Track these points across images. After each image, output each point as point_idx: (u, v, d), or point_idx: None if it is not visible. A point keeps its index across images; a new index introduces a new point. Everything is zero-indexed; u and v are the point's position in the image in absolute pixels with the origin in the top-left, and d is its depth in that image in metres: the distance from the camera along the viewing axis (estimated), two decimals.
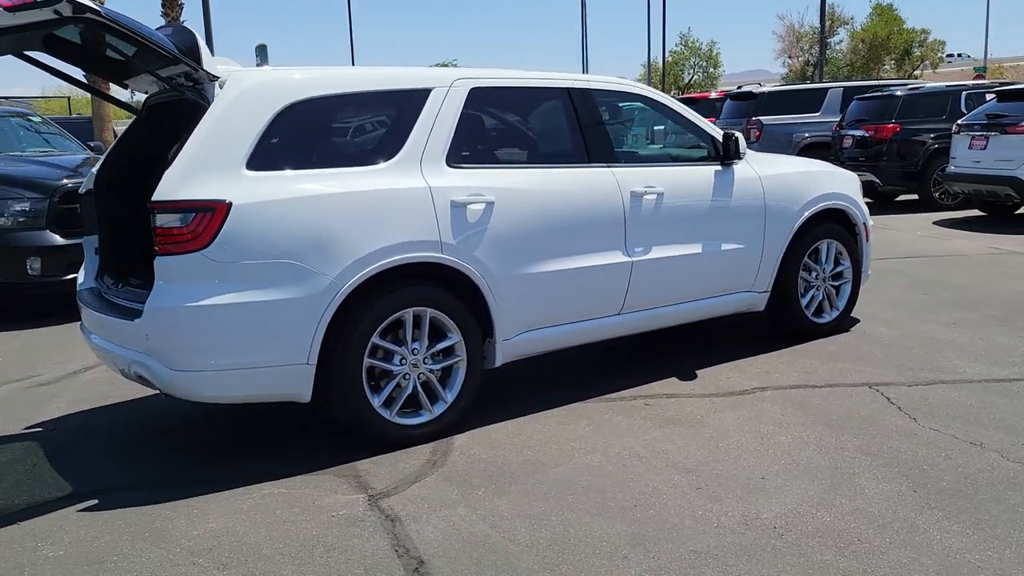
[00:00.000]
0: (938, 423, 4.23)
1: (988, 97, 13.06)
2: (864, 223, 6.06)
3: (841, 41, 60.27)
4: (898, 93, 13.64)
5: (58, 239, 7.20)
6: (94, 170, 4.80)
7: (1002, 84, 14.25)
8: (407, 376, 4.20)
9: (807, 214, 5.66)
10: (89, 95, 4.71)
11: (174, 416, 4.86)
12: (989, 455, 3.84)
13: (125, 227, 4.77)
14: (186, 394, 3.89)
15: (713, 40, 67.88)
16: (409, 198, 4.14)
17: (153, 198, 3.73)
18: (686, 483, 3.67)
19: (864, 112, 13.88)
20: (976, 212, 12.22)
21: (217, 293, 3.74)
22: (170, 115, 4.87)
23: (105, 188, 4.72)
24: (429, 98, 4.35)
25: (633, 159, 5.02)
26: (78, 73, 4.73)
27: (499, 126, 4.80)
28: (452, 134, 4.35)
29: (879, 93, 14.23)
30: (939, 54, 62.64)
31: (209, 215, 3.70)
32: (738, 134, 5.34)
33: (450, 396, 4.32)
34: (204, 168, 3.79)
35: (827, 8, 36.26)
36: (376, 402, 4.10)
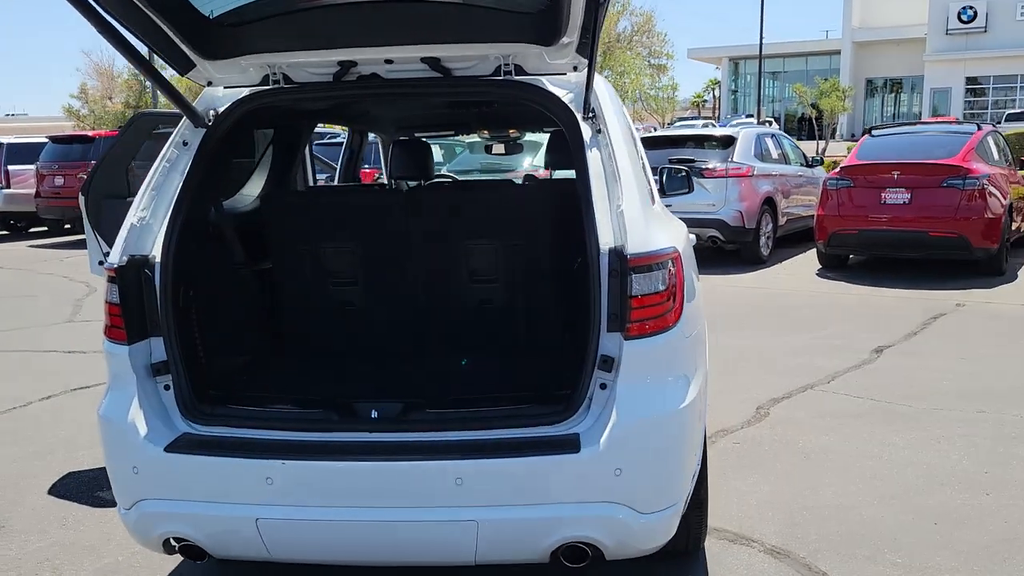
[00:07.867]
0: (926, 404, 5.17)
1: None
2: None
3: None
4: None
5: None
6: (135, 219, 2.59)
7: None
8: None
9: None
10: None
11: None
12: None
13: (212, 318, 2.74)
14: (649, 548, 2.53)
15: None
16: None
17: (630, 251, 2.37)
18: (981, 492, 3.88)
19: None
20: None
21: (687, 386, 2.57)
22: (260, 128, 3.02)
23: (180, 254, 2.60)
24: None
25: None
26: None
27: None
28: None
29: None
30: None
31: (670, 272, 2.52)
32: None
33: None
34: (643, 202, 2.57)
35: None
36: None
